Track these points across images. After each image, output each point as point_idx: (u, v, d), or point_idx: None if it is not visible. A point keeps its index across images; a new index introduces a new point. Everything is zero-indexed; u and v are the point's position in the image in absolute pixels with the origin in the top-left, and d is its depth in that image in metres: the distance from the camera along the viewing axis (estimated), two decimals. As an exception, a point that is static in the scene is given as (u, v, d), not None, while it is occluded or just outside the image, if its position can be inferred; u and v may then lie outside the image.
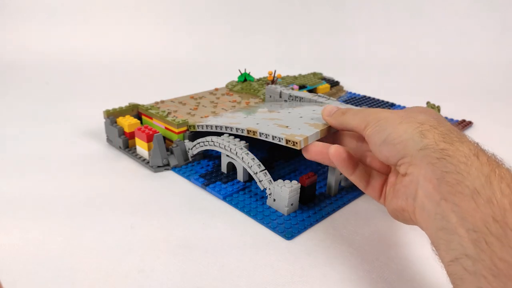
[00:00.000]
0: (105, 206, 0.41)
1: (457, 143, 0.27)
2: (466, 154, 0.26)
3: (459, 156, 0.26)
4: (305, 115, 0.45)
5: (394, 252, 0.35)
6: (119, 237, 0.37)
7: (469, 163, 0.25)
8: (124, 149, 0.53)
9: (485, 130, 0.66)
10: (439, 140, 0.27)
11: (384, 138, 0.31)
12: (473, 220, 0.23)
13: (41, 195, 0.43)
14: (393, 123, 0.31)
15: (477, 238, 0.23)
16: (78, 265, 0.33)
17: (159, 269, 0.33)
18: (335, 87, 0.84)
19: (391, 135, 0.30)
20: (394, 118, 0.31)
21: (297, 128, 0.41)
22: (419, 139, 0.28)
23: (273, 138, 0.40)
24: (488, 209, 0.23)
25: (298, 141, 0.37)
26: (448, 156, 0.26)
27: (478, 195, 0.24)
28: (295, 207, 0.41)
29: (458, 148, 0.26)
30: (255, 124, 0.44)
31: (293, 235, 0.37)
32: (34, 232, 0.37)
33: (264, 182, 0.40)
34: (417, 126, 0.29)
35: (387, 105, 0.76)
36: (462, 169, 0.25)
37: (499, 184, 0.24)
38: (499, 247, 0.22)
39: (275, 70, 0.71)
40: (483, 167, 0.25)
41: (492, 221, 0.22)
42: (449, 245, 0.24)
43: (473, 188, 0.24)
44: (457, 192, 0.24)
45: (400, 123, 0.30)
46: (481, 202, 0.23)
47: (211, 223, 0.39)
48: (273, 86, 0.61)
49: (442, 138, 0.27)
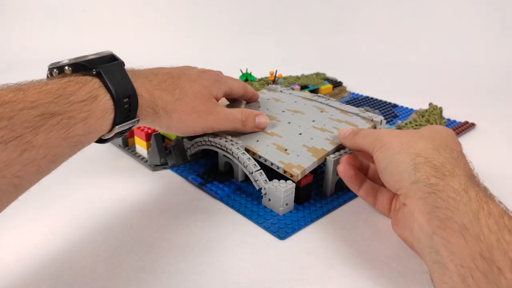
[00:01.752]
0: (104, 205, 0.42)
1: (448, 178, 0.28)
2: (456, 189, 0.27)
3: (448, 191, 0.27)
4: (305, 130, 0.46)
5: (395, 252, 0.35)
6: (119, 237, 0.37)
7: (458, 199, 0.26)
8: (124, 147, 0.54)
9: (488, 131, 0.65)
10: (430, 174, 0.28)
11: (385, 166, 0.32)
12: (462, 255, 0.24)
13: (40, 194, 0.44)
14: (392, 152, 0.32)
15: (465, 273, 0.23)
16: (78, 265, 0.33)
17: (159, 268, 0.33)
18: (338, 87, 0.84)
19: (389, 164, 0.32)
20: (395, 146, 0.32)
21: (295, 154, 0.42)
22: (413, 172, 0.29)
23: (272, 165, 0.41)
24: (476, 245, 0.23)
25: (296, 174, 0.39)
26: (438, 191, 0.27)
27: (466, 231, 0.24)
28: (290, 207, 0.41)
29: (448, 183, 0.27)
30: (255, 141, 0.45)
31: (286, 235, 0.37)
32: (33, 232, 0.37)
33: (259, 182, 0.40)
34: (412, 157, 0.30)
35: (390, 106, 0.76)
36: (451, 205, 0.26)
37: (486, 220, 0.24)
38: (484, 283, 0.23)
39: (276, 70, 0.71)
40: (472, 203, 0.25)
41: (479, 257, 0.23)
42: (442, 279, 0.25)
43: (462, 224, 0.25)
44: (447, 227, 0.25)
45: (398, 152, 0.32)
46: (469, 238, 0.24)
47: (209, 222, 0.39)
48: (274, 86, 0.61)
49: (434, 172, 0.28)
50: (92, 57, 0.32)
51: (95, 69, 0.30)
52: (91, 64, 0.31)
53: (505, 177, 0.49)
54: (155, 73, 0.38)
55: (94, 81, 0.30)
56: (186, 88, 0.39)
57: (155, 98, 0.36)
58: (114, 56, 0.34)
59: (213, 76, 0.44)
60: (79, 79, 0.30)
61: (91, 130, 0.30)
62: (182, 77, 0.40)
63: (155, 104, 0.36)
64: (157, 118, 0.37)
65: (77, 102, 0.28)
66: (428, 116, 0.64)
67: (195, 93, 0.39)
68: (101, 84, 0.30)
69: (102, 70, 0.30)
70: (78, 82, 0.29)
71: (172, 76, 0.39)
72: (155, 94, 0.36)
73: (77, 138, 0.29)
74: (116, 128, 0.32)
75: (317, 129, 0.46)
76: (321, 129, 0.47)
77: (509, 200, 0.44)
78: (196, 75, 0.42)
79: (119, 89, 0.31)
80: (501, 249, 0.23)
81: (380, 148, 0.34)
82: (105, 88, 0.30)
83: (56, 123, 0.27)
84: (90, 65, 0.31)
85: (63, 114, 0.27)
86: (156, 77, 0.37)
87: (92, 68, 0.30)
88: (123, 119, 0.32)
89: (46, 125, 0.26)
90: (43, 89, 0.27)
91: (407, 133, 0.34)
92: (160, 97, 0.36)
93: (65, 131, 0.27)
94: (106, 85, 0.30)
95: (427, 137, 0.33)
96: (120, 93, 0.31)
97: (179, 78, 0.39)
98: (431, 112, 0.65)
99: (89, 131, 0.30)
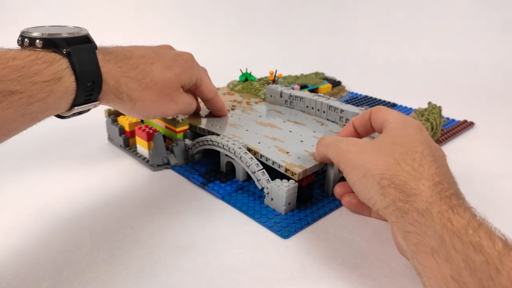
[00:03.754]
0: (105, 205, 0.42)
1: (412, 198, 0.28)
2: (420, 210, 0.27)
3: (413, 213, 0.27)
4: (306, 138, 0.47)
5: (395, 252, 0.35)
6: (120, 237, 0.37)
7: (423, 222, 0.26)
8: (125, 147, 0.54)
9: (486, 130, 0.66)
10: (396, 198, 0.28)
11: (358, 191, 0.33)
12: (436, 279, 0.24)
13: (41, 194, 0.44)
14: (359, 174, 0.32)
15: None
16: (78, 265, 0.33)
17: (159, 269, 0.33)
18: (337, 87, 0.84)
19: (361, 189, 0.32)
20: (358, 166, 0.32)
21: (297, 156, 0.42)
22: (382, 198, 0.30)
23: (273, 164, 0.42)
24: (446, 268, 0.24)
25: (297, 173, 0.39)
26: (405, 214, 0.27)
27: (436, 254, 0.25)
28: (293, 206, 0.41)
29: (412, 205, 0.27)
30: (257, 143, 0.45)
31: (289, 234, 0.37)
32: (34, 232, 0.37)
33: (262, 181, 0.41)
34: (378, 180, 0.30)
35: (389, 105, 0.76)
36: (418, 229, 0.26)
37: (451, 240, 0.24)
38: None
39: (276, 70, 0.71)
40: (435, 224, 0.25)
41: (451, 280, 0.23)
42: None
43: (431, 248, 0.25)
44: (420, 252, 0.26)
45: (364, 175, 0.31)
46: (440, 261, 0.24)
47: (211, 222, 0.39)
48: (274, 85, 0.61)
49: (399, 194, 0.28)
50: (66, 35, 0.32)
51: (65, 49, 0.30)
52: (62, 43, 0.31)
53: (503, 176, 0.49)
54: (128, 57, 0.37)
55: (62, 61, 0.30)
56: (157, 77, 0.39)
57: (121, 85, 0.36)
58: (88, 38, 0.34)
59: (188, 62, 0.44)
60: (47, 57, 0.30)
61: (49, 108, 0.30)
62: (156, 62, 0.39)
63: (119, 91, 0.36)
64: (120, 103, 0.37)
65: (39, 82, 0.28)
66: (428, 115, 0.64)
67: (165, 83, 0.40)
68: (68, 65, 0.30)
69: (72, 51, 0.31)
70: (45, 61, 0.29)
71: (145, 61, 0.38)
72: (122, 81, 0.36)
73: (34, 115, 0.29)
74: (75, 109, 0.33)
75: (317, 139, 0.47)
76: None
77: (506, 199, 0.44)
78: (171, 60, 0.41)
79: (85, 73, 0.31)
80: (468, 269, 0.22)
81: (346, 167, 0.34)
82: (72, 70, 0.31)
83: (16, 100, 0.27)
84: (61, 44, 0.31)
85: (23, 92, 0.27)
86: (128, 61, 0.37)
87: (63, 47, 0.30)
88: (83, 101, 0.33)
89: (5, 102, 0.27)
90: (9, 64, 0.27)
91: (369, 145, 0.33)
92: (126, 85, 0.36)
93: (23, 109, 0.28)
94: (74, 67, 0.30)
95: (388, 148, 0.32)
96: (85, 77, 0.31)
97: (152, 63, 0.39)
98: (430, 111, 0.65)
99: (47, 109, 0.30)
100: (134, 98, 0.37)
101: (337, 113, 0.53)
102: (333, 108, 0.53)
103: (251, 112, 0.56)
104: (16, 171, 0.48)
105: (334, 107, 0.53)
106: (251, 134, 0.48)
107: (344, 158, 0.34)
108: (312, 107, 0.55)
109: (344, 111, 0.52)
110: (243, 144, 0.44)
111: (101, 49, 0.35)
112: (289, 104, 0.59)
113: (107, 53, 0.35)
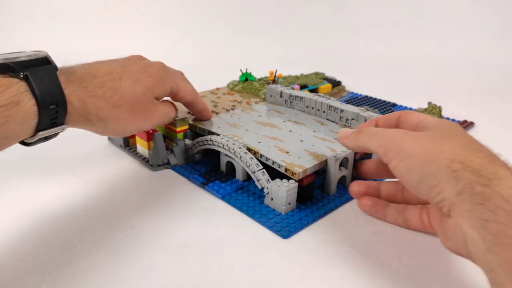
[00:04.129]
0: (105, 205, 0.42)
1: (494, 182, 0.25)
2: (505, 196, 0.24)
3: (497, 200, 0.24)
4: (306, 138, 0.47)
5: (395, 252, 0.35)
6: (119, 237, 0.37)
7: (509, 209, 0.24)
8: (125, 147, 0.54)
9: (487, 130, 0.65)
10: (474, 182, 0.26)
11: (417, 179, 0.29)
12: None
13: (41, 194, 0.44)
14: (419, 160, 0.29)
15: None
16: (78, 265, 0.33)
17: (159, 268, 0.33)
18: (337, 87, 0.84)
19: (423, 177, 0.28)
20: (418, 153, 0.29)
21: (297, 156, 0.43)
22: (455, 182, 0.26)
23: (273, 163, 0.42)
24: None
25: (297, 173, 0.39)
26: (485, 200, 0.25)
27: None
28: (293, 206, 0.41)
29: (495, 190, 0.25)
30: (257, 142, 0.46)
31: (289, 234, 0.37)
32: (34, 232, 0.37)
33: (262, 181, 0.41)
34: (447, 164, 0.27)
35: (389, 105, 0.76)
36: (502, 217, 0.24)
37: None
38: None
39: (276, 70, 0.71)
40: None
41: None
42: None
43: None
44: (501, 243, 0.23)
45: (428, 161, 0.28)
46: None
47: (211, 222, 0.39)
48: (274, 85, 0.61)
49: (477, 178, 0.26)
50: (24, 58, 0.31)
51: (22, 73, 0.29)
52: (19, 66, 0.30)
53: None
54: (93, 74, 0.35)
55: (19, 84, 0.29)
56: (127, 92, 0.37)
57: (88, 106, 0.34)
58: (47, 59, 0.32)
59: (159, 72, 0.41)
60: (3, 82, 0.29)
61: (10, 135, 0.29)
62: (124, 76, 0.37)
63: (87, 112, 0.34)
64: (90, 125, 0.35)
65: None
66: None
67: (135, 98, 0.37)
68: (27, 88, 0.29)
69: (30, 74, 0.29)
70: (1, 85, 0.28)
71: (112, 77, 0.36)
72: (88, 102, 0.34)
73: None
74: (40, 134, 0.31)
75: (318, 138, 0.47)
76: (321, 138, 0.47)
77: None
78: (140, 73, 0.39)
79: (45, 95, 0.30)
80: None
81: (397, 155, 0.30)
82: (31, 93, 0.29)
83: None
84: (17, 68, 0.29)
85: None
86: (93, 80, 0.35)
87: (20, 71, 0.29)
88: (48, 125, 0.31)
89: None
90: None
91: (422, 134, 0.31)
92: (94, 105, 0.34)
93: None
94: (33, 89, 0.29)
95: (447, 136, 0.29)
96: (46, 99, 0.30)
97: (121, 78, 0.37)
98: (430, 111, 0.66)
99: (7, 136, 0.29)
100: (105, 118, 0.35)
101: (337, 113, 0.53)
102: (333, 108, 0.53)
103: (251, 112, 0.56)
104: (16, 171, 0.48)
105: (334, 107, 0.53)
106: (251, 134, 0.48)
107: (395, 146, 0.31)
108: (312, 107, 0.56)
109: (344, 111, 0.52)
110: (243, 144, 0.44)
111: (63, 69, 0.33)
112: (289, 104, 0.59)
113: (70, 73, 0.34)
